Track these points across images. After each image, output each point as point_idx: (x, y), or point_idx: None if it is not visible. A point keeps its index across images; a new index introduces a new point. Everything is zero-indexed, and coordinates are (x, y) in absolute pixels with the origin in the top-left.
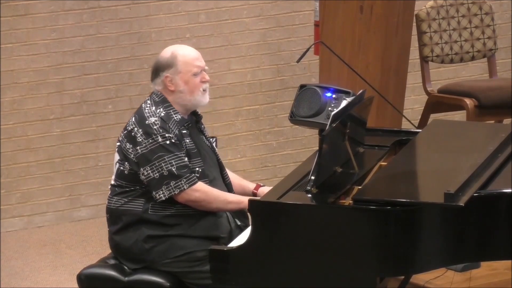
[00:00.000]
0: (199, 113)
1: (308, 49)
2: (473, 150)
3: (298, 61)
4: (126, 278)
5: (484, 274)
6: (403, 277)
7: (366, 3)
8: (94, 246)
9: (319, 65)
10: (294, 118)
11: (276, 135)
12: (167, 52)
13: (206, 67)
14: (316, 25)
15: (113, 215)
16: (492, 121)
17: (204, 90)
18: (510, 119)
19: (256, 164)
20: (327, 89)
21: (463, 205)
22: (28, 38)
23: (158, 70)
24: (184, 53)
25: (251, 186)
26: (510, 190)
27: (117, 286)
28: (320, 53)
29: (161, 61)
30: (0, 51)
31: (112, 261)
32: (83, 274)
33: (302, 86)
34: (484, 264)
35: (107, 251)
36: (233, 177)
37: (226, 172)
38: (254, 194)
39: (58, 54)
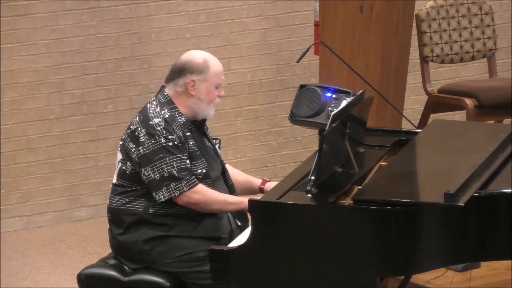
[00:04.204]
0: None
1: (308, 49)
2: (473, 150)
3: (298, 61)
4: (126, 278)
5: (484, 274)
6: (403, 277)
7: (366, 3)
8: (94, 246)
9: (319, 65)
10: (294, 118)
11: (276, 135)
12: (198, 57)
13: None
14: (316, 25)
15: (114, 215)
16: (492, 121)
17: (214, 104)
18: (510, 119)
19: (256, 164)
20: (327, 89)
21: (463, 205)
22: (28, 38)
23: (185, 71)
24: (215, 64)
25: (257, 182)
26: (510, 190)
27: (117, 286)
28: (320, 53)
29: (192, 64)
30: (0, 51)
31: (112, 261)
32: (83, 274)
33: (302, 86)
34: (484, 264)
35: (107, 251)
36: (237, 173)
37: (229, 174)
38: (261, 190)
39: (58, 54)
